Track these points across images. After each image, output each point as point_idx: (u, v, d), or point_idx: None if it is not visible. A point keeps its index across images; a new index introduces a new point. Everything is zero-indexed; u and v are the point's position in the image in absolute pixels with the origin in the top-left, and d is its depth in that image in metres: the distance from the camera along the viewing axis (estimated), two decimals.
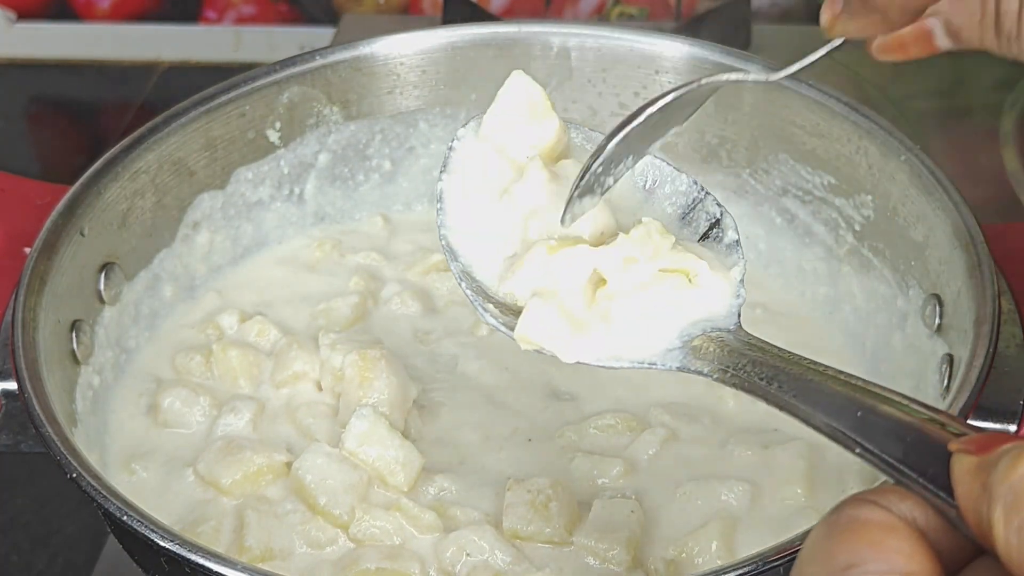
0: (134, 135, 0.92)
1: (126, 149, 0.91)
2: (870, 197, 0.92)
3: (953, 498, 0.44)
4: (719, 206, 0.65)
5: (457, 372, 0.91)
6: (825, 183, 0.96)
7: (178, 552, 0.66)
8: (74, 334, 0.84)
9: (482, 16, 1.37)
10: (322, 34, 1.59)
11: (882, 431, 0.48)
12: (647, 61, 1.01)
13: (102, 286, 0.89)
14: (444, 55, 1.02)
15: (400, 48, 1.02)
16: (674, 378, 0.88)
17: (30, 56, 1.63)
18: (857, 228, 0.94)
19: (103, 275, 0.89)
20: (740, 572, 0.64)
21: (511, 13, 1.57)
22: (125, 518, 0.68)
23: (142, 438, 0.87)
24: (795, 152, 0.97)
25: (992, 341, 0.75)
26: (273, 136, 1.00)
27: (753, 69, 0.96)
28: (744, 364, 0.58)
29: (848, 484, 0.81)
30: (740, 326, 0.61)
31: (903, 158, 0.88)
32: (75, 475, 0.70)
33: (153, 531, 0.67)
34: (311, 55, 1.00)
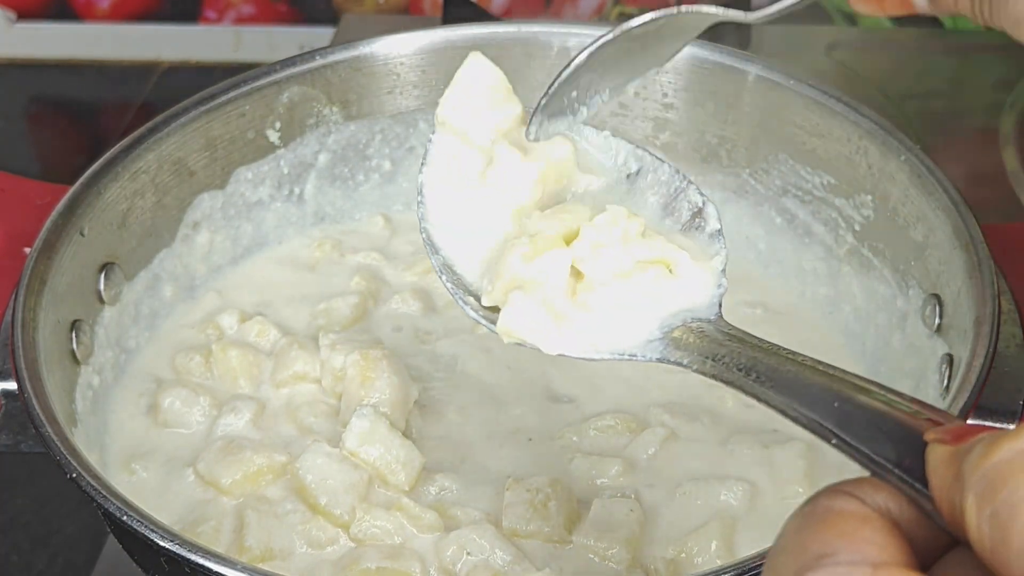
0: (134, 135, 0.92)
1: (126, 149, 0.91)
2: (870, 197, 0.92)
3: (928, 489, 0.43)
4: (701, 195, 0.65)
5: (458, 371, 0.91)
6: (825, 183, 0.96)
7: (178, 552, 0.66)
8: (74, 334, 0.84)
9: (482, 16, 1.37)
10: (322, 34, 1.59)
11: (858, 421, 0.48)
12: None
13: (102, 286, 0.89)
14: (444, 55, 1.02)
15: (400, 48, 1.02)
16: (674, 378, 0.88)
17: (30, 56, 1.63)
18: (857, 228, 0.94)
19: (103, 275, 0.89)
20: (740, 572, 0.64)
21: (511, 13, 1.57)
22: (125, 518, 0.68)
23: (142, 438, 0.87)
24: (795, 152, 0.97)
25: (992, 341, 0.75)
26: (273, 136, 1.00)
27: (752, 68, 0.97)
28: (723, 355, 0.57)
29: None
30: (721, 316, 0.61)
31: (903, 158, 0.88)
32: (75, 475, 0.70)
33: (153, 531, 0.67)
34: (311, 55, 1.00)
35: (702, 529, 0.77)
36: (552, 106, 0.62)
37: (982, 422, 0.77)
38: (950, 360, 0.80)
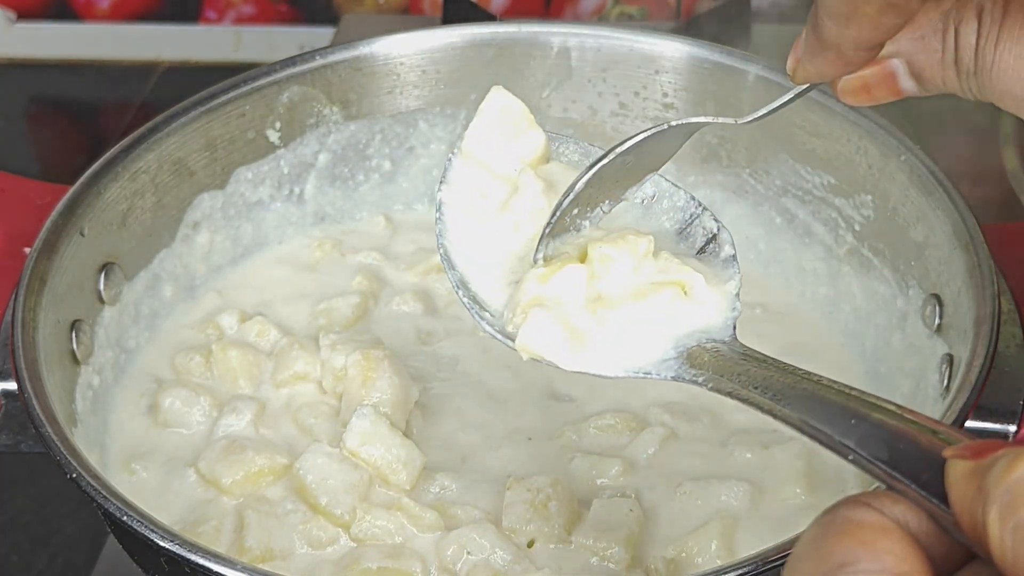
0: (134, 135, 0.92)
1: (126, 149, 0.91)
2: (870, 197, 0.92)
3: (946, 503, 0.44)
4: (716, 221, 0.66)
5: (458, 371, 0.91)
6: (825, 183, 0.96)
7: (178, 552, 0.66)
8: (74, 334, 0.84)
9: (482, 16, 1.37)
10: (322, 34, 1.59)
11: (876, 438, 0.49)
12: (647, 61, 1.01)
13: (102, 286, 0.89)
14: (444, 55, 1.02)
15: (400, 48, 1.02)
16: None
17: (30, 56, 1.63)
18: (857, 228, 0.94)
19: (103, 275, 0.89)
20: (740, 572, 0.64)
21: (511, 13, 1.57)
22: (125, 518, 0.68)
23: (142, 438, 0.87)
24: (795, 152, 0.97)
25: (992, 341, 0.75)
26: (273, 136, 1.00)
27: (752, 68, 0.97)
28: (738, 373, 0.58)
29: (847, 484, 0.81)
30: (735, 338, 0.62)
31: (903, 158, 0.88)
32: (75, 475, 0.70)
33: (153, 531, 0.67)
34: (311, 55, 1.00)
35: (702, 529, 0.77)
36: (557, 227, 0.64)
37: (982, 423, 0.77)
38: (950, 360, 0.80)
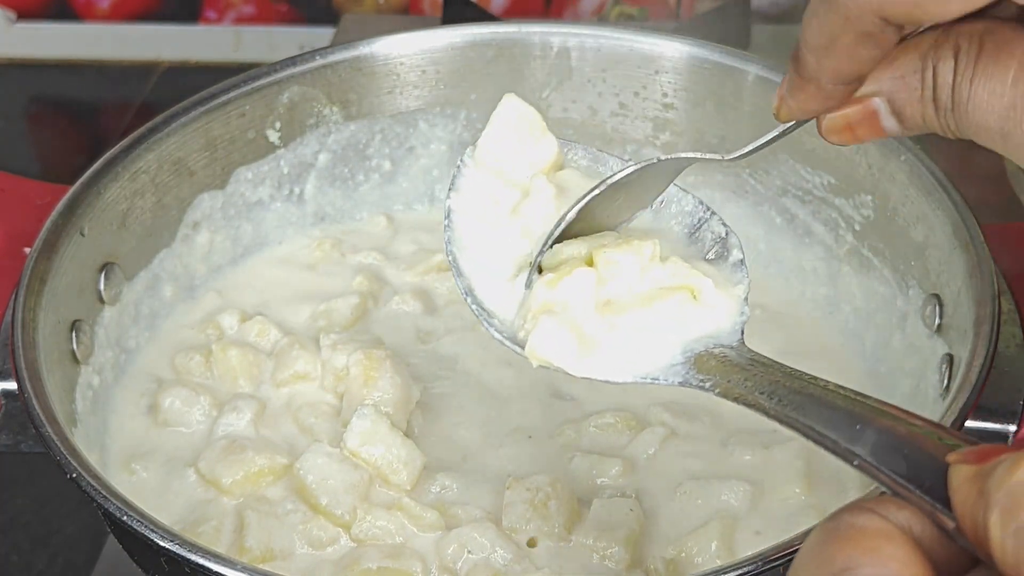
0: (134, 135, 0.92)
1: (126, 149, 0.91)
2: (870, 197, 0.92)
3: (949, 509, 0.44)
4: (724, 226, 0.67)
5: (458, 370, 0.91)
6: (825, 183, 0.96)
7: (178, 552, 0.66)
8: (74, 334, 0.84)
9: (482, 16, 1.37)
10: (322, 34, 1.59)
11: (880, 443, 0.49)
12: (647, 61, 1.01)
13: (102, 286, 0.89)
14: (444, 55, 1.02)
15: (400, 48, 1.02)
16: None
17: (30, 56, 1.63)
18: (857, 228, 0.94)
19: (103, 275, 0.89)
20: (740, 572, 0.64)
21: (511, 13, 1.57)
22: (125, 518, 0.68)
23: (142, 438, 0.87)
24: (795, 152, 0.97)
25: (992, 341, 0.75)
26: (273, 136, 1.00)
27: (752, 68, 0.97)
28: (745, 379, 0.59)
29: (847, 484, 0.81)
30: (743, 343, 0.62)
31: (903, 158, 0.88)
32: (75, 475, 0.70)
33: (153, 531, 0.67)
34: (311, 55, 1.00)
35: (702, 529, 0.77)
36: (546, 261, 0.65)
37: (982, 422, 0.77)
38: (950, 360, 0.80)
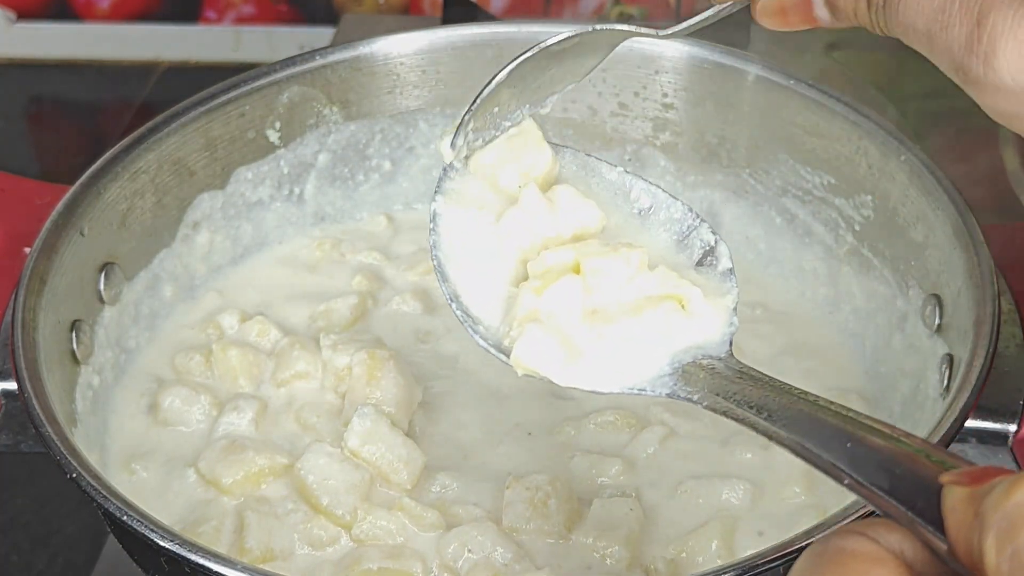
0: (134, 135, 0.92)
1: (126, 149, 0.91)
2: (870, 197, 0.92)
3: (941, 531, 0.44)
4: (713, 234, 0.66)
5: (458, 369, 0.91)
6: (825, 183, 0.96)
7: (178, 552, 0.66)
8: (74, 334, 0.84)
9: (482, 16, 1.37)
10: (322, 34, 1.59)
11: (871, 463, 0.48)
12: (647, 61, 1.01)
13: (102, 286, 0.89)
14: (444, 55, 1.02)
15: (400, 48, 1.02)
16: None
17: (30, 56, 1.63)
18: (857, 228, 0.94)
19: (103, 275, 0.89)
20: (740, 572, 0.64)
21: (511, 13, 1.57)
22: (125, 518, 0.68)
23: (142, 438, 0.87)
24: (795, 152, 0.97)
25: (992, 341, 0.75)
26: (273, 136, 1.00)
27: (752, 68, 0.97)
28: (734, 392, 0.58)
29: None
30: (731, 354, 0.61)
31: (903, 158, 0.88)
32: (75, 475, 0.70)
33: (153, 531, 0.67)
34: (311, 55, 1.00)
35: (702, 529, 0.77)
36: (476, 122, 0.65)
37: (982, 422, 0.77)
38: (950, 360, 0.80)
